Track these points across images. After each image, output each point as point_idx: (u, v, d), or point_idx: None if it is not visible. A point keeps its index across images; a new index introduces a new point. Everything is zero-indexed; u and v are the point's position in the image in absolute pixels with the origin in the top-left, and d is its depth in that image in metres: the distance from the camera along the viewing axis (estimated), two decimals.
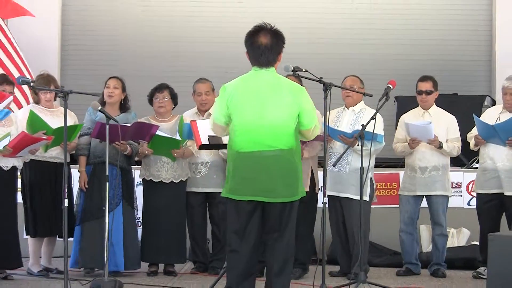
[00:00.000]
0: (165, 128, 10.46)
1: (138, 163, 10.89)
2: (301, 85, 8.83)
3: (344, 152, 9.84)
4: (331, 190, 10.21)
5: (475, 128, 10.69)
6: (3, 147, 9.42)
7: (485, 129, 10.44)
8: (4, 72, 11.51)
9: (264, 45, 7.81)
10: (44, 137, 9.81)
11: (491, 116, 10.76)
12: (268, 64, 7.86)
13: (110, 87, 10.46)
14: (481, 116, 10.93)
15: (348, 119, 10.50)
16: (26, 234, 10.49)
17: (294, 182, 7.88)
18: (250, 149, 7.75)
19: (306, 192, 9.88)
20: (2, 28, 12.49)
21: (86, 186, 10.35)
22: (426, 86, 10.93)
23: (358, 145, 9.76)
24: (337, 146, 10.25)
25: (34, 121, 9.96)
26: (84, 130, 10.34)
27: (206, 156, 10.67)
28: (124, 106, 10.58)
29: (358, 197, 9.88)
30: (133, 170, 10.90)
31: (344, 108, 10.60)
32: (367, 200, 10.24)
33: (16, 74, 11.55)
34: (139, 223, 10.93)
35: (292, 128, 7.83)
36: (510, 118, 10.33)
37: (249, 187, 7.75)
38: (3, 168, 9.98)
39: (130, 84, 11.27)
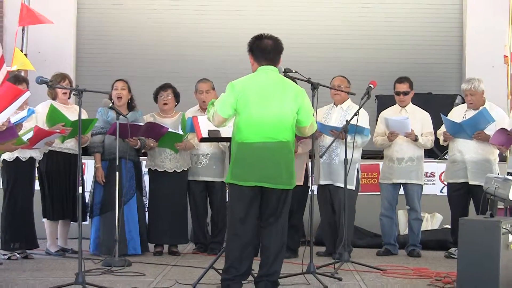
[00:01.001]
0: (168, 123, 10.47)
1: (144, 154, 10.89)
2: None
3: (330, 145, 9.98)
4: (323, 180, 10.27)
5: (443, 126, 10.74)
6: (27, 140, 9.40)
7: (453, 126, 10.55)
8: (16, 73, 11.47)
9: (270, 46, 8.04)
10: (58, 130, 9.80)
11: (458, 114, 10.86)
12: (274, 62, 8.07)
13: (118, 88, 10.44)
14: (449, 114, 11.01)
15: (337, 115, 10.54)
16: (44, 217, 10.50)
17: (292, 171, 8.02)
18: (254, 140, 7.87)
19: (300, 185, 10.05)
20: None
21: (104, 180, 10.33)
22: (403, 87, 11.00)
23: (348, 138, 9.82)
24: (327, 140, 10.25)
25: (54, 114, 9.96)
26: (97, 129, 10.32)
27: (207, 148, 10.71)
28: (131, 105, 10.56)
29: (348, 186, 10.03)
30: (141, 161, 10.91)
31: (333, 106, 10.65)
32: (353, 188, 10.29)
33: None
34: (146, 208, 10.94)
35: (292, 123, 7.99)
36: (474, 115, 10.46)
37: (254, 174, 7.85)
38: (21, 159, 9.97)
39: (138, 84, 11.33)
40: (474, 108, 10.62)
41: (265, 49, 8.04)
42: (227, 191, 8.23)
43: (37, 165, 10.27)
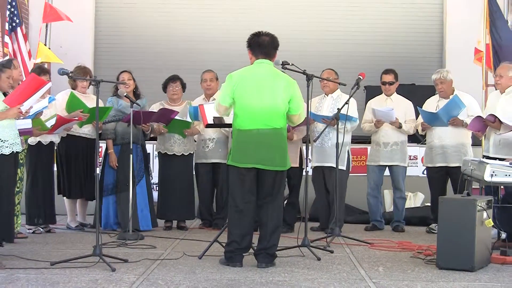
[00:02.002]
0: (178, 111, 10.46)
1: (154, 138, 10.90)
2: None
3: (323, 131, 10.11)
4: (317, 162, 10.32)
5: (420, 117, 10.77)
6: (51, 126, 9.39)
7: (430, 116, 10.60)
8: (40, 64, 11.45)
9: (266, 41, 8.12)
10: (77, 117, 9.80)
11: (431, 104, 10.93)
12: (270, 55, 8.13)
13: (125, 79, 10.41)
14: (423, 105, 11.02)
15: (328, 104, 10.58)
16: (63, 196, 10.51)
17: (284, 155, 8.08)
18: (251, 127, 7.96)
19: (296, 167, 10.07)
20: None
21: (117, 164, 10.32)
22: (389, 78, 11.04)
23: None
24: (320, 126, 10.29)
25: (74, 101, 9.98)
26: (109, 117, 10.28)
27: (213, 133, 10.74)
28: (136, 93, 10.53)
29: (340, 167, 10.12)
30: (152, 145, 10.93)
31: (324, 96, 10.67)
32: (344, 169, 10.29)
33: None
34: (156, 187, 10.95)
35: (283, 111, 8.05)
36: (447, 103, 10.51)
37: (251, 157, 7.93)
38: (43, 143, 9.98)
39: (149, 75, 11.31)
40: (444, 97, 10.66)
41: (262, 45, 8.12)
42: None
43: (55, 148, 10.27)
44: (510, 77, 9.96)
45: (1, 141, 7.71)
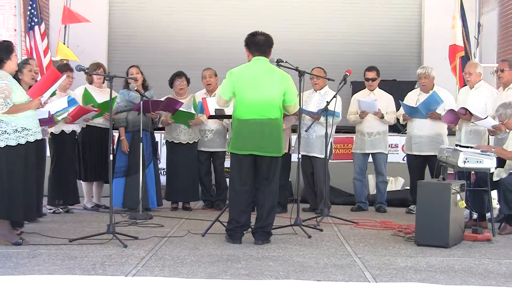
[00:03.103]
0: (184, 103, 10.46)
1: (162, 128, 10.90)
2: None
3: (312, 123, 10.19)
4: (303, 151, 10.29)
5: (401, 108, 10.79)
6: (65, 117, 9.39)
7: (410, 109, 10.62)
8: (66, 62, 11.48)
9: (262, 40, 8.14)
10: (94, 109, 9.80)
11: (412, 98, 10.94)
12: (265, 53, 8.16)
13: (134, 73, 10.40)
14: (405, 98, 11.06)
15: (316, 99, 10.61)
16: (79, 179, 10.51)
17: (279, 142, 8.10)
18: (248, 117, 8.00)
19: (286, 152, 10.09)
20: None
21: (129, 150, 10.31)
22: (372, 74, 11.08)
23: (322, 118, 9.87)
24: (307, 119, 10.32)
25: (87, 97, 10.00)
26: (121, 108, 10.28)
27: (212, 125, 10.77)
28: (145, 85, 10.53)
29: (321, 156, 10.19)
30: (160, 134, 10.92)
31: (313, 91, 10.68)
32: (327, 157, 10.31)
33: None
34: (164, 172, 10.95)
35: (279, 103, 8.09)
36: (427, 99, 10.49)
37: (248, 144, 7.98)
38: (65, 131, 9.97)
39: (157, 71, 11.28)
40: (425, 91, 10.65)
41: (258, 43, 8.14)
42: (227, 159, 8.31)
43: (76, 137, 10.27)
44: (478, 73, 10.11)
45: (26, 129, 7.69)
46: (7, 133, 7.59)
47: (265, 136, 7.99)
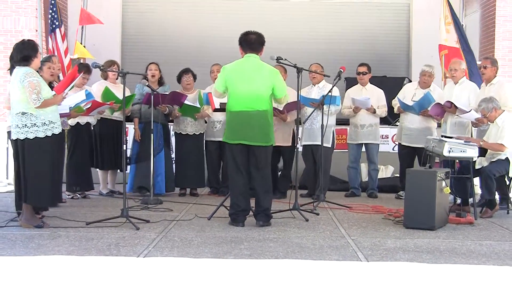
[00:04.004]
0: (190, 98, 10.45)
1: (171, 121, 10.90)
2: (285, 73, 9.65)
3: (311, 114, 10.13)
4: (306, 141, 10.29)
5: (397, 97, 10.82)
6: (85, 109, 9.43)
7: (405, 105, 10.60)
8: (86, 63, 11.50)
9: (253, 39, 8.17)
10: (108, 103, 9.79)
11: (409, 90, 10.87)
12: (256, 50, 8.17)
13: (152, 69, 10.48)
14: (402, 89, 11.12)
15: (315, 92, 10.53)
16: (95, 168, 10.50)
17: (267, 132, 8.10)
18: (238, 109, 8.05)
19: (289, 146, 10.11)
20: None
21: (140, 138, 10.31)
22: (363, 69, 11.08)
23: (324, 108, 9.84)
24: (309, 111, 10.24)
25: (107, 94, 9.93)
26: (135, 100, 10.33)
27: (220, 116, 10.66)
28: (161, 81, 10.56)
29: (325, 144, 10.07)
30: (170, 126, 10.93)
31: (312, 86, 10.64)
32: (329, 146, 10.28)
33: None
34: (173, 161, 10.96)
35: (267, 96, 8.12)
36: (421, 99, 10.46)
37: (238, 134, 8.03)
38: (80, 123, 9.96)
39: (167, 68, 11.26)
40: (423, 87, 10.60)
41: (249, 42, 8.18)
42: None
43: (91, 128, 10.26)
44: (462, 69, 10.16)
45: (52, 123, 7.70)
46: (36, 126, 7.61)
47: (254, 126, 8.00)
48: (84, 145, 10.11)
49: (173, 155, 10.89)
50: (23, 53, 7.65)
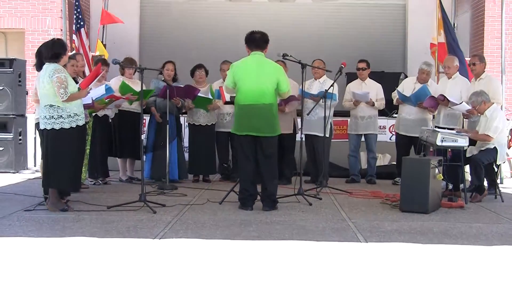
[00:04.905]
0: (202, 91, 10.41)
1: (185, 113, 10.88)
2: (286, 67, 9.47)
3: (313, 107, 10.02)
4: (306, 131, 10.26)
5: (396, 90, 10.75)
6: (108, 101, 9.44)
7: (403, 97, 10.56)
8: (103, 57, 11.52)
9: (258, 37, 8.21)
10: (124, 97, 9.78)
11: (409, 84, 10.83)
12: (261, 48, 8.19)
13: (169, 69, 10.42)
14: (401, 83, 11.14)
15: (316, 86, 10.52)
16: (114, 156, 10.50)
17: (272, 124, 8.13)
18: (246, 103, 8.07)
19: (290, 133, 10.09)
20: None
21: (161, 119, 10.16)
22: (362, 65, 11.08)
23: (322, 102, 9.80)
24: (309, 103, 10.20)
25: (125, 87, 9.91)
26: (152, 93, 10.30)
27: (230, 109, 10.62)
28: (174, 78, 10.52)
29: (322, 134, 10.05)
30: (183, 118, 10.93)
31: (313, 80, 10.63)
32: (328, 136, 10.26)
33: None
34: (187, 149, 10.94)
35: (272, 90, 8.13)
36: (418, 91, 10.40)
37: (245, 126, 8.07)
38: (99, 115, 9.94)
39: (182, 64, 11.24)
40: (422, 83, 10.53)
41: (254, 40, 8.19)
42: None
43: (110, 120, 10.23)
44: (455, 66, 10.11)
45: (77, 115, 7.73)
46: (62, 118, 7.65)
47: (260, 118, 8.02)
48: (102, 136, 10.10)
49: (185, 145, 10.89)
50: (54, 51, 7.70)
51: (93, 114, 9.77)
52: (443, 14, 12.27)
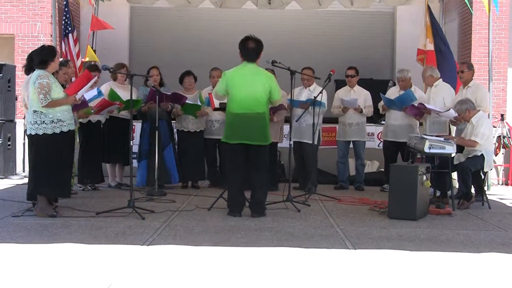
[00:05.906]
0: (191, 98, 10.40)
1: (174, 119, 10.85)
2: (274, 74, 9.28)
3: (302, 114, 10.02)
4: (294, 138, 10.23)
5: (381, 95, 10.75)
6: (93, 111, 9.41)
7: (388, 101, 10.58)
8: (95, 63, 11.49)
9: (251, 48, 8.11)
10: (117, 103, 9.76)
11: (393, 92, 10.88)
12: (253, 60, 8.14)
13: (154, 75, 10.35)
14: (386, 92, 11.09)
15: (305, 94, 10.54)
16: (103, 162, 10.45)
17: (265, 132, 8.12)
18: (239, 111, 8.02)
19: (276, 142, 10.10)
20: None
21: (147, 134, 10.12)
22: (351, 72, 11.10)
23: (310, 109, 9.80)
24: (298, 111, 10.19)
25: (113, 95, 9.88)
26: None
27: (218, 116, 10.63)
28: (161, 83, 10.48)
29: (310, 142, 10.04)
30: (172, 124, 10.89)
31: (302, 88, 10.63)
32: (316, 143, 10.25)
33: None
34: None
35: (264, 99, 8.12)
36: (402, 95, 10.44)
37: (238, 134, 8.01)
38: (92, 121, 9.92)
39: (171, 70, 11.23)
40: (404, 89, 10.55)
41: (247, 51, 8.15)
42: None
43: (101, 126, 10.21)
44: (428, 76, 10.17)
45: (61, 121, 7.72)
46: (45, 123, 7.66)
47: (253, 127, 8.00)
48: (95, 141, 10.07)
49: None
50: (41, 58, 7.75)
51: (87, 119, 9.76)
52: (432, 18, 12.32)
